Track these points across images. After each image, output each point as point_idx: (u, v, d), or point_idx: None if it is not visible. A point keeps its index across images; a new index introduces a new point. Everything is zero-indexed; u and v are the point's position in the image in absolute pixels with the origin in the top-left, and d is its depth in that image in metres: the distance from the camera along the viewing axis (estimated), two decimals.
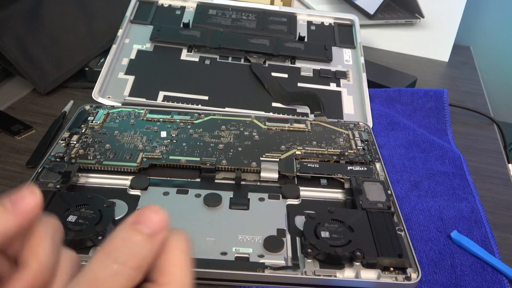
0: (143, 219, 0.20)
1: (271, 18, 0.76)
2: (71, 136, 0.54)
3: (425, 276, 0.43)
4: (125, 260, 0.19)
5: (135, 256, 0.19)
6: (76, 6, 0.73)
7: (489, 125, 0.70)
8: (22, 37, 0.65)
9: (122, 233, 0.20)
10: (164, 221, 0.20)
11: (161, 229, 0.20)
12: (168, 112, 0.60)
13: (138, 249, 0.19)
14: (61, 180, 0.47)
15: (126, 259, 0.19)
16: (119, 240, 0.20)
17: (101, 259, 0.19)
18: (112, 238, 0.20)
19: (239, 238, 0.43)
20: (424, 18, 0.90)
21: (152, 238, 0.20)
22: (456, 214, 0.50)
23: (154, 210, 0.20)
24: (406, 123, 0.64)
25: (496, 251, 0.46)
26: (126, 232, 0.20)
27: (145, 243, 0.20)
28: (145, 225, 0.20)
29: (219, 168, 0.51)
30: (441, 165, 0.57)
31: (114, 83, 0.65)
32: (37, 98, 0.67)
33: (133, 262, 0.19)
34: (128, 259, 0.19)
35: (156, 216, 0.20)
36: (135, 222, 0.20)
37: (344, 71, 0.70)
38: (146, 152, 0.52)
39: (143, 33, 0.72)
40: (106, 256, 0.19)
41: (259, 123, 0.59)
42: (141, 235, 0.20)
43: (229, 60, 0.70)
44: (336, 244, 0.41)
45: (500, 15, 1.01)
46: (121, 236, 0.20)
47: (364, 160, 0.54)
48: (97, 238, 0.40)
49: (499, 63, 1.06)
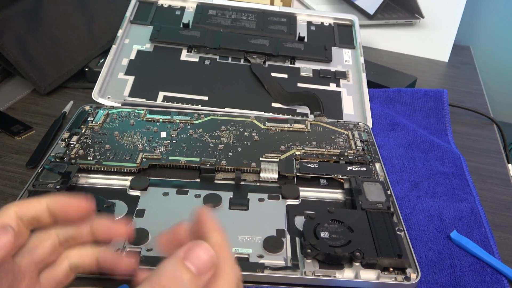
0: (192, 256, 0.21)
1: (271, 19, 0.76)
2: (71, 137, 0.54)
3: (425, 277, 0.43)
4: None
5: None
6: (76, 7, 0.73)
7: (489, 125, 0.70)
8: (22, 37, 0.65)
9: (171, 269, 0.20)
10: (212, 260, 0.21)
11: (209, 269, 0.21)
12: (168, 113, 0.60)
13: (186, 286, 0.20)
14: (61, 181, 0.47)
15: None
16: (169, 278, 0.20)
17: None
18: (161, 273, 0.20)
19: (239, 238, 0.43)
20: (424, 18, 0.90)
21: (199, 277, 0.20)
22: (456, 214, 0.50)
23: (204, 248, 0.21)
24: (406, 123, 0.64)
25: (495, 252, 0.46)
26: (175, 268, 0.20)
27: (193, 281, 0.20)
28: (194, 264, 0.20)
29: (218, 168, 0.51)
30: (440, 165, 0.57)
31: (114, 83, 0.65)
32: (37, 98, 0.67)
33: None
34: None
35: (205, 254, 0.21)
36: (185, 258, 0.21)
37: (344, 71, 0.70)
38: (145, 153, 0.52)
39: (143, 34, 0.72)
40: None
41: (258, 123, 0.59)
42: (190, 273, 0.20)
43: (229, 61, 0.70)
44: (335, 244, 0.41)
45: (500, 15, 1.01)
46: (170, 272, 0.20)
47: (364, 160, 0.54)
48: None
49: (499, 63, 1.06)
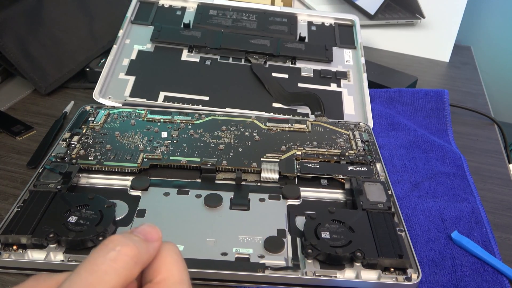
0: (140, 230, 0.23)
1: (271, 19, 0.76)
2: (72, 137, 0.54)
3: (426, 277, 0.43)
4: (122, 247, 0.21)
5: (132, 246, 0.21)
6: (77, 7, 0.73)
7: (490, 125, 0.70)
8: (23, 37, 0.65)
9: (121, 233, 0.22)
10: (158, 234, 0.23)
11: (156, 239, 0.23)
12: (168, 113, 0.60)
13: (135, 243, 0.21)
14: (61, 181, 0.47)
15: (123, 247, 0.21)
16: (118, 235, 0.22)
17: (100, 247, 0.21)
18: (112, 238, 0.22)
19: (240, 238, 0.43)
20: (424, 19, 0.90)
21: (147, 242, 0.22)
22: (457, 214, 0.50)
23: (150, 226, 0.23)
24: (406, 123, 0.64)
25: (496, 252, 0.46)
26: (124, 233, 0.22)
27: (141, 242, 0.22)
28: (141, 233, 0.23)
29: (219, 168, 0.51)
30: (441, 166, 0.57)
31: (115, 83, 0.65)
32: (38, 98, 0.67)
33: (129, 249, 0.21)
34: (125, 247, 0.21)
35: (151, 229, 0.23)
36: (132, 231, 0.23)
37: (345, 72, 0.70)
38: (146, 153, 0.52)
39: (144, 34, 0.72)
40: (105, 245, 0.21)
41: (259, 123, 0.59)
42: (138, 237, 0.22)
43: (229, 61, 0.70)
44: (336, 244, 0.41)
45: (501, 15, 1.01)
46: (120, 234, 0.22)
47: (365, 160, 0.54)
48: (98, 238, 0.40)
49: (500, 63, 1.06)
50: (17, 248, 0.40)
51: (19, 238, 0.40)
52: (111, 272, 0.20)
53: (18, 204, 0.44)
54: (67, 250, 0.40)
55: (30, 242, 0.40)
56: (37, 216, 0.42)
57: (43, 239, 0.40)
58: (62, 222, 0.41)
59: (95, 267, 0.20)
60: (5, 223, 0.42)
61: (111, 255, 0.21)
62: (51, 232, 0.40)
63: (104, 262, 0.20)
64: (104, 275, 0.20)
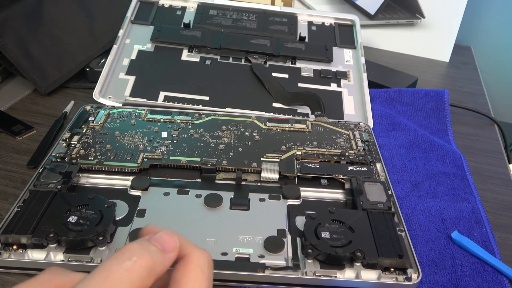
0: (157, 238, 0.22)
1: (271, 19, 0.76)
2: (72, 137, 0.54)
3: (426, 277, 0.43)
4: (138, 258, 0.21)
5: (148, 257, 0.21)
6: (77, 7, 0.73)
7: (490, 125, 0.70)
8: (23, 37, 0.65)
9: (139, 241, 0.22)
10: (176, 243, 0.23)
11: (173, 250, 0.22)
12: (168, 113, 0.60)
13: (151, 253, 0.21)
14: (62, 181, 0.47)
15: (139, 258, 0.21)
16: (135, 244, 0.22)
17: (117, 254, 0.21)
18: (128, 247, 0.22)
19: (240, 238, 0.43)
20: (424, 18, 0.90)
21: (164, 253, 0.22)
22: (457, 214, 0.50)
23: (168, 234, 0.23)
24: (406, 123, 0.64)
25: (496, 252, 0.46)
26: (142, 241, 0.22)
27: (158, 253, 0.22)
28: (158, 242, 0.22)
29: (219, 168, 0.51)
30: (441, 166, 0.57)
31: (115, 83, 0.65)
32: (38, 98, 0.67)
33: (145, 261, 0.21)
34: (141, 258, 0.21)
35: (169, 238, 0.23)
36: (150, 238, 0.22)
37: (345, 72, 0.70)
38: (146, 153, 0.52)
39: (144, 34, 0.72)
40: (122, 253, 0.21)
41: (259, 123, 0.59)
42: (156, 246, 0.22)
43: (229, 61, 0.70)
44: (336, 244, 0.41)
45: (501, 15, 1.01)
46: (138, 242, 0.22)
47: (365, 160, 0.54)
48: (98, 238, 0.40)
49: (500, 63, 1.06)
50: (17, 248, 0.40)
51: (19, 238, 0.40)
52: (125, 281, 0.20)
53: (18, 204, 0.44)
54: (67, 250, 0.40)
55: (30, 242, 0.40)
56: (37, 216, 0.42)
57: (43, 239, 0.40)
58: (62, 222, 0.41)
59: (110, 274, 0.20)
60: (5, 223, 0.42)
61: (127, 265, 0.21)
62: (51, 232, 0.40)
63: (119, 271, 0.20)
64: (117, 283, 0.20)
